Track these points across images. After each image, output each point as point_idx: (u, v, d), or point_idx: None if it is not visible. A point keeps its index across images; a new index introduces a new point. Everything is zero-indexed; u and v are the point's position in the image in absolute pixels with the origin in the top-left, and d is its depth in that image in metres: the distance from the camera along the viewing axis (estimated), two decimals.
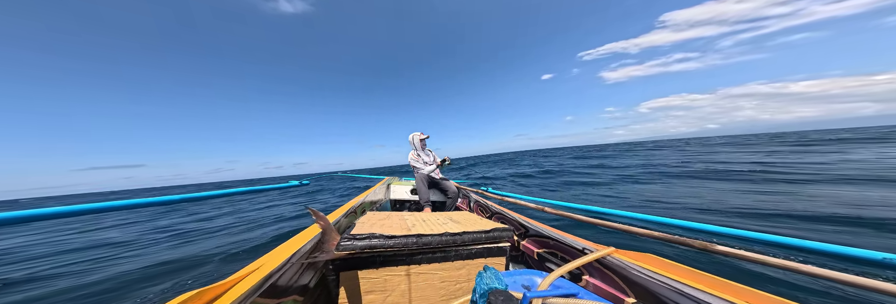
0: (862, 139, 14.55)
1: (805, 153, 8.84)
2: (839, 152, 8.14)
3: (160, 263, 2.74)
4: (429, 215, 1.43)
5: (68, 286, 2.37)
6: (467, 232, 1.01)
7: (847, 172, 4.89)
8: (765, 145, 15.09)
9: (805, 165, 6.22)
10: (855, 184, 4.01)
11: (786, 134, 40.58)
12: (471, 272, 1.01)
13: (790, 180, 4.67)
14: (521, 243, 1.43)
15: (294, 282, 0.83)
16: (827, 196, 3.45)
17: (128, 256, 3.27)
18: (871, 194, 3.41)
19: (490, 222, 1.19)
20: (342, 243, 0.87)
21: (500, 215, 1.83)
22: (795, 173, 5.18)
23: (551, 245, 1.19)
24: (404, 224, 1.13)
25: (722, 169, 6.51)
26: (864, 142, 12.77)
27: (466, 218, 1.32)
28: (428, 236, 0.95)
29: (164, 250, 3.42)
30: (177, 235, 4.29)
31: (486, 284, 0.56)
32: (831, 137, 19.84)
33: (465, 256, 1.00)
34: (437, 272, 0.97)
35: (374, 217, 1.31)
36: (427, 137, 3.14)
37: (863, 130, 37.08)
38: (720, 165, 7.53)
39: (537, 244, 1.31)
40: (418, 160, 3.02)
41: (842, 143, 12.97)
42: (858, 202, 3.04)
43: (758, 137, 39.92)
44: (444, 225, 1.12)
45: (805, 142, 15.77)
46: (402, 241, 0.91)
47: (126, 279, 2.40)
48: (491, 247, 1.03)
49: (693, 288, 0.59)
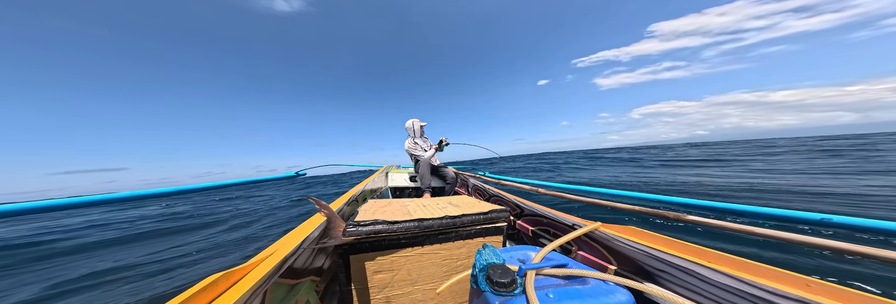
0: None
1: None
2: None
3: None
4: (429, 201, 1.48)
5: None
6: (466, 214, 1.07)
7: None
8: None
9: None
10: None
11: (757, 140, 44.48)
12: (471, 251, 1.08)
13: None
14: (517, 222, 1.51)
15: (309, 264, 0.89)
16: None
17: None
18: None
19: (487, 205, 1.25)
20: (348, 230, 0.91)
21: (497, 198, 1.91)
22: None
23: (545, 223, 1.27)
24: (406, 210, 1.18)
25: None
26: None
27: (465, 202, 1.38)
28: (429, 220, 1.00)
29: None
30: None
31: (485, 260, 0.62)
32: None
33: (465, 236, 1.07)
34: (439, 252, 1.04)
35: (375, 205, 1.35)
36: (425, 125, 3.12)
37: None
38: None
39: (532, 223, 1.39)
40: (416, 148, 3.03)
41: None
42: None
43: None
44: (444, 209, 1.17)
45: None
46: (404, 225, 0.96)
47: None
48: (489, 227, 1.10)
49: (666, 253, 0.67)
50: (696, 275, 0.60)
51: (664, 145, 77.79)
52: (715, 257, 0.61)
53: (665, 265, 0.67)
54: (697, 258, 0.61)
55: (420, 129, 3.07)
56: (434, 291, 1.03)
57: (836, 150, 12.18)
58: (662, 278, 0.68)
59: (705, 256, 0.62)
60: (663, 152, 22.05)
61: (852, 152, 10.71)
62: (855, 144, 15.50)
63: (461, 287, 1.05)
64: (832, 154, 10.23)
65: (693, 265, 0.61)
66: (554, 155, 45.81)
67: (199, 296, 0.46)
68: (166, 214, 6.49)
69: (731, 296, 0.54)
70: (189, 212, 6.49)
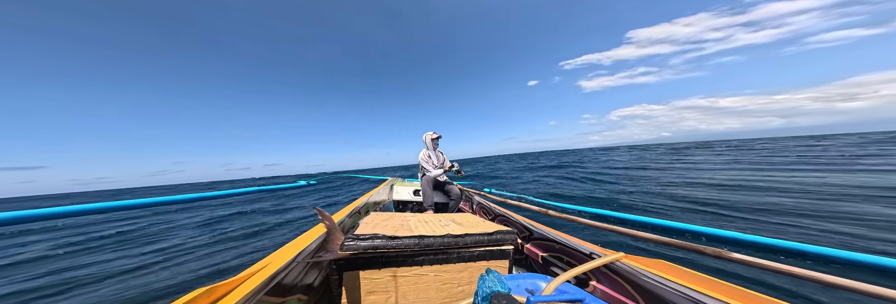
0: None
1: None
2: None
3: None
4: (431, 217, 1.42)
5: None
6: (469, 234, 1.00)
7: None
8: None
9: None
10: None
11: (711, 143, 46.81)
12: (473, 275, 0.99)
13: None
14: (525, 246, 1.40)
15: (299, 281, 0.83)
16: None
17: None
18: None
19: (493, 225, 1.17)
20: (346, 243, 0.87)
21: (503, 218, 1.81)
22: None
23: (557, 249, 1.16)
24: (407, 225, 1.13)
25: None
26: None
27: (468, 220, 1.31)
28: (430, 238, 0.94)
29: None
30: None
31: (489, 287, 0.54)
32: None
33: (468, 258, 0.99)
34: (439, 274, 0.96)
35: (377, 218, 1.31)
36: (439, 137, 3.11)
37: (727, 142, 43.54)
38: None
39: (542, 248, 1.28)
40: (428, 162, 3.00)
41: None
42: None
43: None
44: (446, 227, 1.11)
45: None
46: (404, 242, 0.91)
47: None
48: (494, 250, 1.02)
49: (707, 296, 0.57)
50: None
51: (611, 147, 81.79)
52: (762, 301, 0.52)
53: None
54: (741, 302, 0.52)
55: (433, 142, 3.05)
56: None
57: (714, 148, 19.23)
58: None
59: (753, 300, 0.53)
60: (603, 154, 25.71)
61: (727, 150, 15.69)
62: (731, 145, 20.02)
63: None
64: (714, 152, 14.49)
65: None
66: (511, 158, 47.04)
67: None
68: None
69: None
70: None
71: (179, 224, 5.36)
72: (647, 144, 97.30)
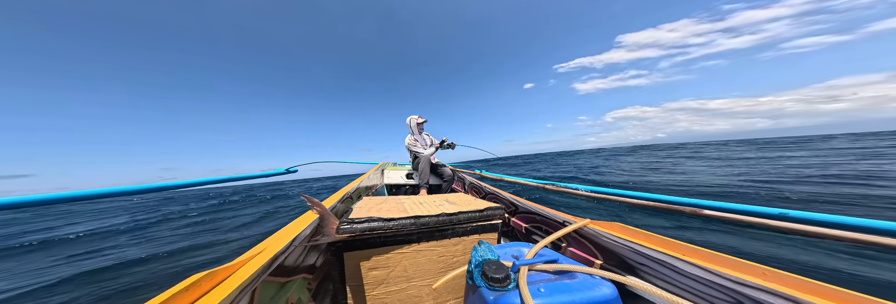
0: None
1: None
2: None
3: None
4: (425, 198, 1.50)
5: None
6: (462, 212, 1.09)
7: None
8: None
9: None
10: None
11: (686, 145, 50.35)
12: (467, 247, 1.11)
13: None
14: (511, 219, 1.55)
15: (301, 262, 0.87)
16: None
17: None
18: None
19: (483, 202, 1.27)
20: (342, 227, 0.91)
21: (492, 195, 1.94)
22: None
23: (537, 220, 1.30)
24: (402, 207, 1.19)
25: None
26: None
27: (461, 199, 1.40)
28: (425, 217, 1.02)
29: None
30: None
31: (481, 256, 0.64)
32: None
33: (461, 233, 1.09)
34: (435, 249, 1.06)
35: (371, 202, 1.36)
36: (425, 122, 3.05)
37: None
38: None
39: (525, 220, 1.43)
40: (416, 145, 2.99)
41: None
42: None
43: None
44: (441, 206, 1.19)
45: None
46: (400, 222, 0.97)
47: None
48: (484, 224, 1.13)
49: (646, 248, 0.71)
50: (671, 268, 0.65)
51: (594, 150, 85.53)
52: (689, 250, 0.66)
53: (645, 258, 0.71)
54: (674, 252, 0.66)
55: (418, 126, 3.01)
56: (430, 287, 1.05)
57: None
58: (643, 271, 0.73)
59: (680, 249, 0.67)
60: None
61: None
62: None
63: (457, 283, 1.08)
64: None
65: (669, 258, 0.65)
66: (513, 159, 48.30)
67: (182, 296, 0.44)
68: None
69: (701, 286, 0.59)
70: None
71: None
72: (615, 147, 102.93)
